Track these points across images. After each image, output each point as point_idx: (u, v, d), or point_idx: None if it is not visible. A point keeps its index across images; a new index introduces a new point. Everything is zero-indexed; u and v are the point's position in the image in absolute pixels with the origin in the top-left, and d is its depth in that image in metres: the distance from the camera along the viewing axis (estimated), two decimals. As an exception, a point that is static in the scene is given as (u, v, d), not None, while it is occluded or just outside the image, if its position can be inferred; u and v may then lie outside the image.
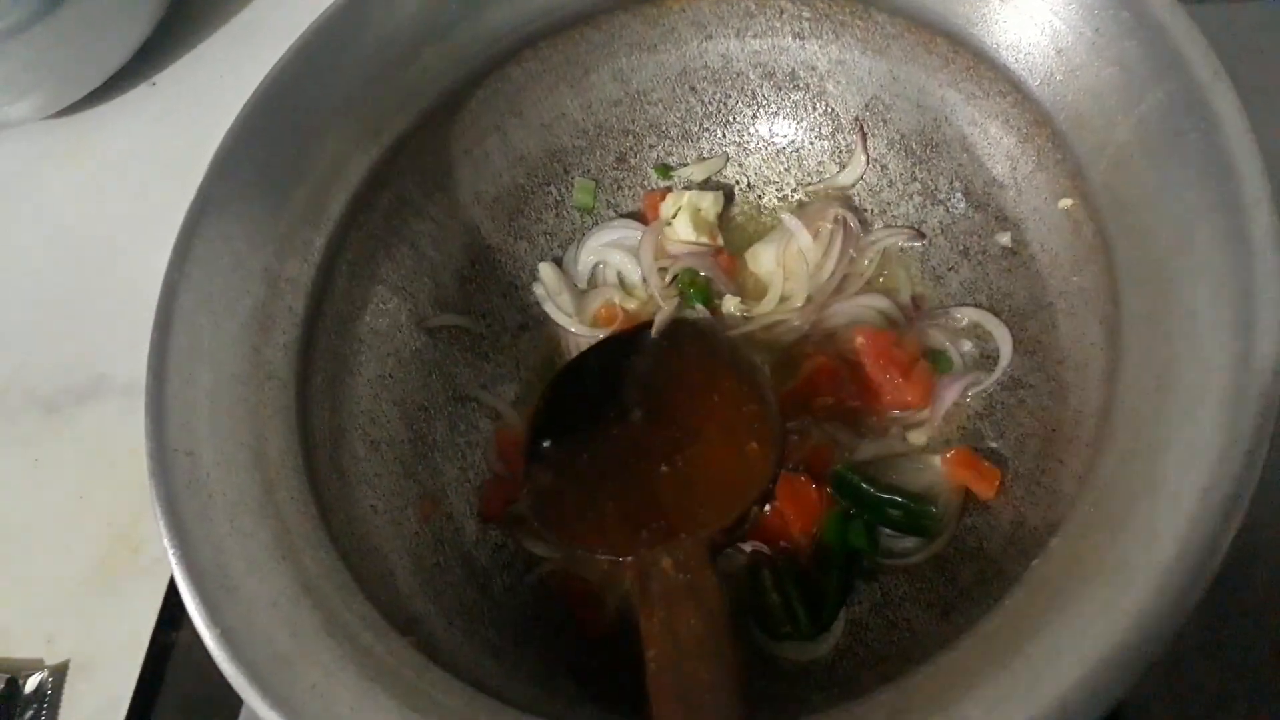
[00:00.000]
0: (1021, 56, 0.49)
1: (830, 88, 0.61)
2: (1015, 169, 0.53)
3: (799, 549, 0.54)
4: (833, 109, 0.62)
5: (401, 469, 0.55)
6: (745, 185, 0.66)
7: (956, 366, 0.57)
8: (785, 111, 0.63)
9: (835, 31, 0.58)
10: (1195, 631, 0.50)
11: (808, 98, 0.62)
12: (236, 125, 0.52)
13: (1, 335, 0.78)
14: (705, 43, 0.61)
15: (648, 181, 0.66)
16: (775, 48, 0.60)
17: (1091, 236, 0.47)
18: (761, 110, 0.64)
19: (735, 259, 0.64)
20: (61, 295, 0.79)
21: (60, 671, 0.62)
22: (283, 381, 0.48)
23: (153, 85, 0.89)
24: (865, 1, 0.55)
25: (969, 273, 0.58)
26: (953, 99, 0.55)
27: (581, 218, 0.66)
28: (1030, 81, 0.48)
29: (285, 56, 0.53)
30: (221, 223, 0.49)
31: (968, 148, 0.56)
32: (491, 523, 0.58)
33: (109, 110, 0.88)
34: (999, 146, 0.54)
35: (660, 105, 0.64)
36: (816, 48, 0.59)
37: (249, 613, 0.41)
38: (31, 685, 0.61)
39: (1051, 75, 0.47)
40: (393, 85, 0.55)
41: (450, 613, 0.50)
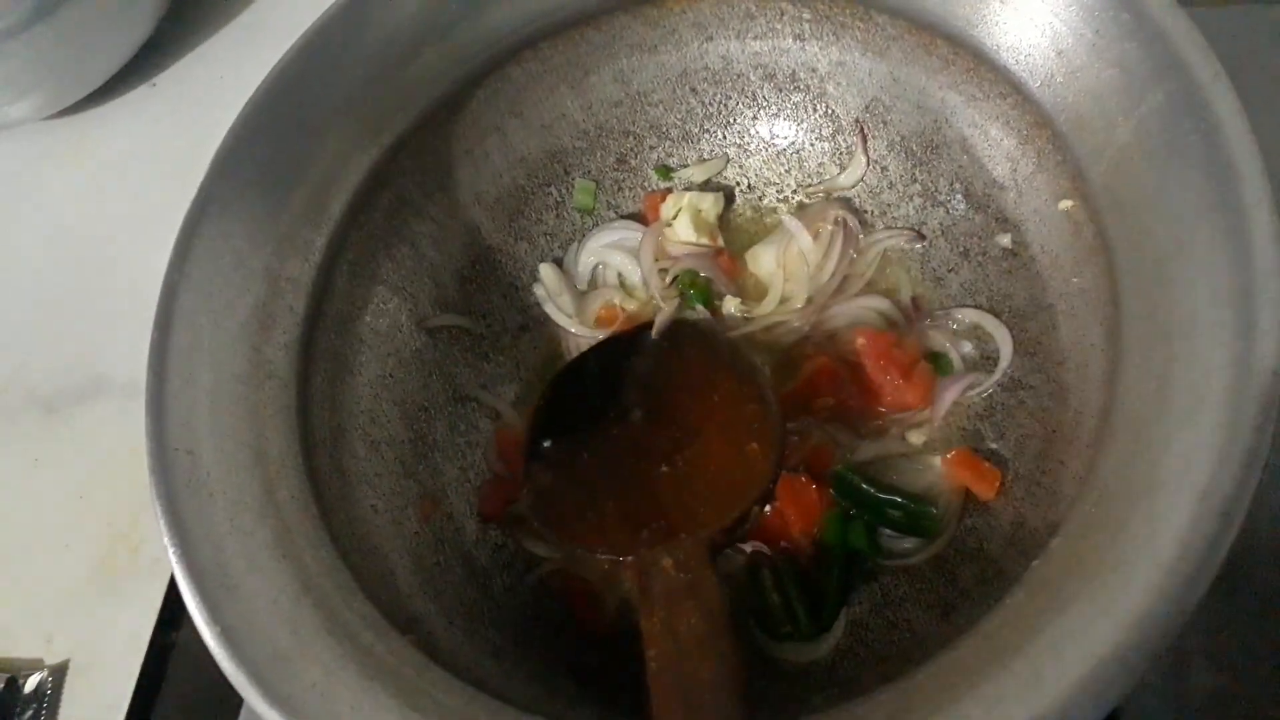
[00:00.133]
0: (1022, 58, 0.49)
1: (831, 89, 0.61)
2: (1015, 170, 0.53)
3: (799, 549, 0.54)
4: (833, 110, 0.62)
5: (402, 469, 0.55)
6: (746, 186, 0.66)
7: (957, 367, 0.57)
8: (786, 113, 0.63)
9: (836, 33, 0.58)
10: (1195, 632, 0.50)
11: (808, 99, 0.62)
12: (237, 125, 0.52)
13: (1, 335, 0.78)
14: (706, 44, 0.61)
15: (648, 182, 0.66)
16: (776, 49, 0.60)
17: (1092, 238, 0.47)
18: (762, 112, 0.64)
19: (736, 260, 0.64)
20: (61, 295, 0.79)
21: (60, 671, 0.62)
22: (283, 381, 0.48)
23: (153, 86, 0.89)
24: (866, 3, 0.55)
25: (969, 274, 0.58)
26: (953, 101, 0.55)
27: (582, 219, 0.66)
28: (1031, 83, 0.49)
29: (286, 57, 0.53)
30: (222, 222, 0.49)
31: (968, 149, 0.56)
32: (491, 522, 0.58)
33: (109, 110, 0.88)
34: (999, 148, 0.54)
35: (661, 106, 0.64)
36: (817, 49, 0.59)
37: (249, 612, 0.41)
38: (31, 685, 0.61)
39: (1052, 77, 0.48)
40: (393, 85, 0.55)
41: (450, 612, 0.50)
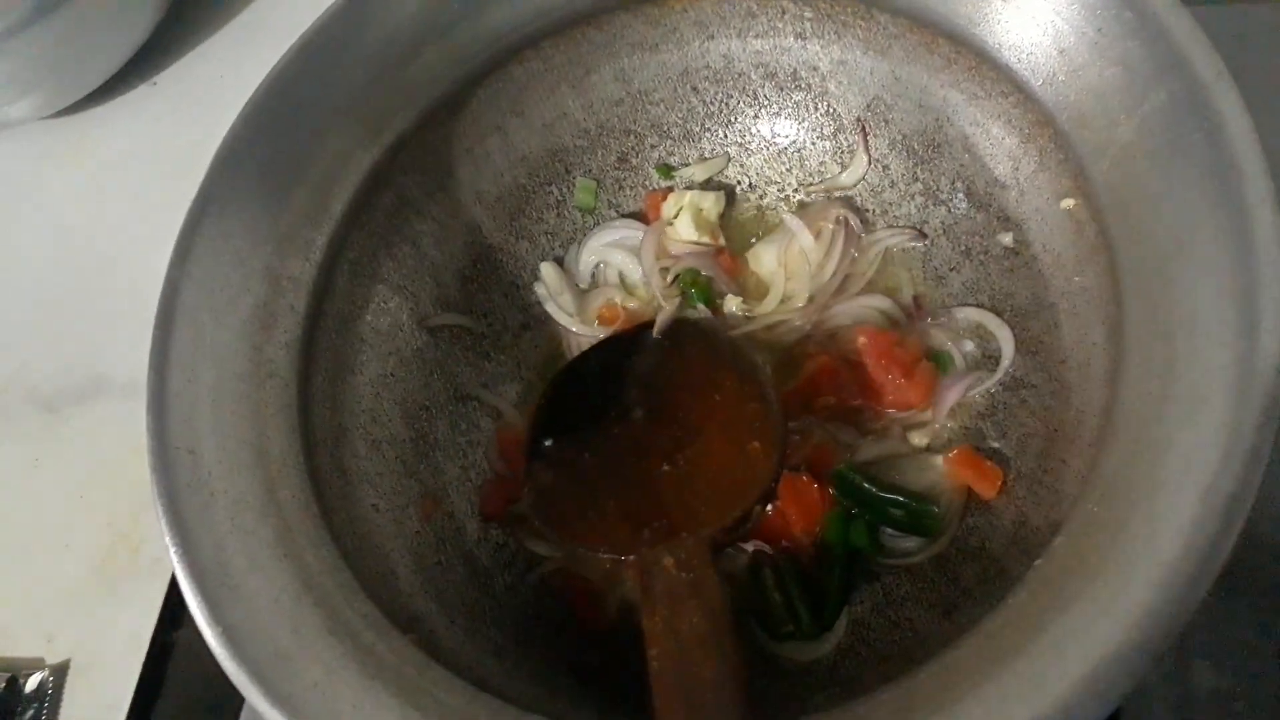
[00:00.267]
0: (1024, 57, 0.49)
1: (832, 88, 0.61)
2: (1017, 169, 0.53)
3: (801, 548, 0.54)
4: (834, 109, 0.62)
5: (403, 468, 0.55)
6: (747, 185, 0.66)
7: (958, 366, 0.57)
8: (787, 112, 0.63)
9: (837, 32, 0.58)
10: (1198, 632, 0.50)
11: (809, 98, 0.62)
12: (238, 124, 0.52)
13: (2, 335, 0.78)
14: (707, 43, 0.61)
15: (649, 181, 0.66)
16: (777, 48, 0.60)
17: (1094, 236, 0.47)
18: (763, 110, 0.64)
19: (737, 259, 0.64)
20: (62, 295, 0.79)
21: (61, 671, 0.62)
22: (284, 380, 0.48)
23: (153, 85, 0.89)
24: (867, 2, 0.55)
25: (971, 273, 0.58)
26: (955, 99, 0.55)
27: (583, 217, 0.66)
28: (1033, 82, 0.48)
29: (286, 56, 0.53)
30: (223, 221, 0.49)
31: (970, 148, 0.56)
32: (493, 522, 0.58)
33: (109, 110, 0.88)
34: (1001, 147, 0.54)
35: (662, 105, 0.64)
36: (818, 48, 0.59)
37: (250, 611, 0.41)
38: (32, 685, 0.61)
39: (1054, 75, 0.47)
40: (394, 84, 0.55)
41: (452, 611, 0.50)
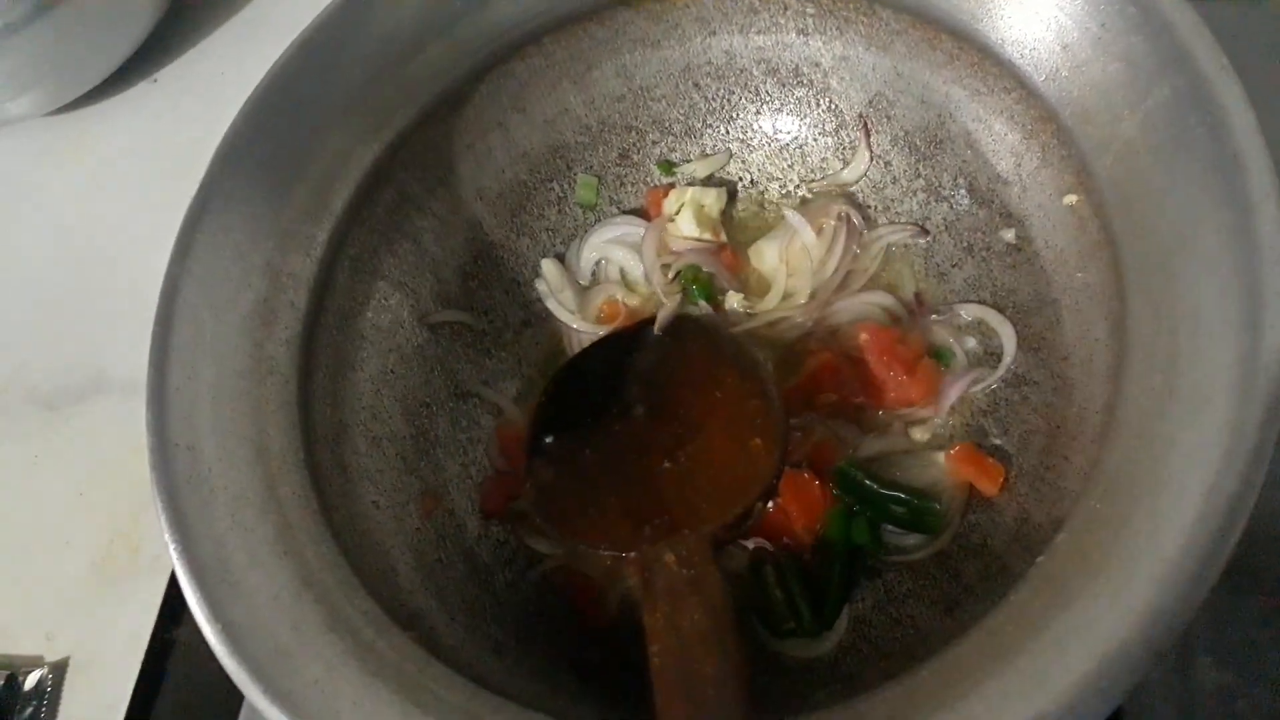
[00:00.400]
0: (1026, 52, 0.48)
1: (834, 84, 0.60)
2: (1020, 165, 0.53)
3: (802, 545, 0.54)
4: (836, 105, 0.61)
5: (403, 465, 0.55)
6: (748, 182, 0.66)
7: (960, 363, 0.57)
8: (789, 108, 0.63)
9: (839, 28, 0.58)
10: (1200, 628, 0.50)
11: (811, 94, 0.62)
12: (239, 121, 0.52)
13: (2, 333, 0.78)
14: (709, 39, 0.61)
15: (651, 178, 0.66)
16: (779, 44, 0.60)
17: (1096, 232, 0.47)
18: (765, 106, 0.64)
19: (738, 255, 0.64)
20: (61, 293, 0.79)
21: (60, 668, 0.62)
22: (285, 376, 0.48)
23: (154, 82, 0.89)
24: (870, -2, 0.55)
25: (973, 269, 0.58)
26: (957, 95, 0.55)
27: (584, 214, 0.66)
28: (1035, 77, 0.48)
29: (287, 52, 0.53)
30: (224, 218, 0.49)
31: (972, 144, 0.55)
32: (493, 519, 0.58)
33: (110, 107, 0.88)
34: (1003, 143, 0.54)
35: (663, 101, 0.64)
36: (820, 44, 0.59)
37: (250, 608, 0.41)
38: (31, 682, 0.61)
39: (1057, 71, 0.47)
40: (395, 80, 0.55)
41: (452, 609, 0.50)
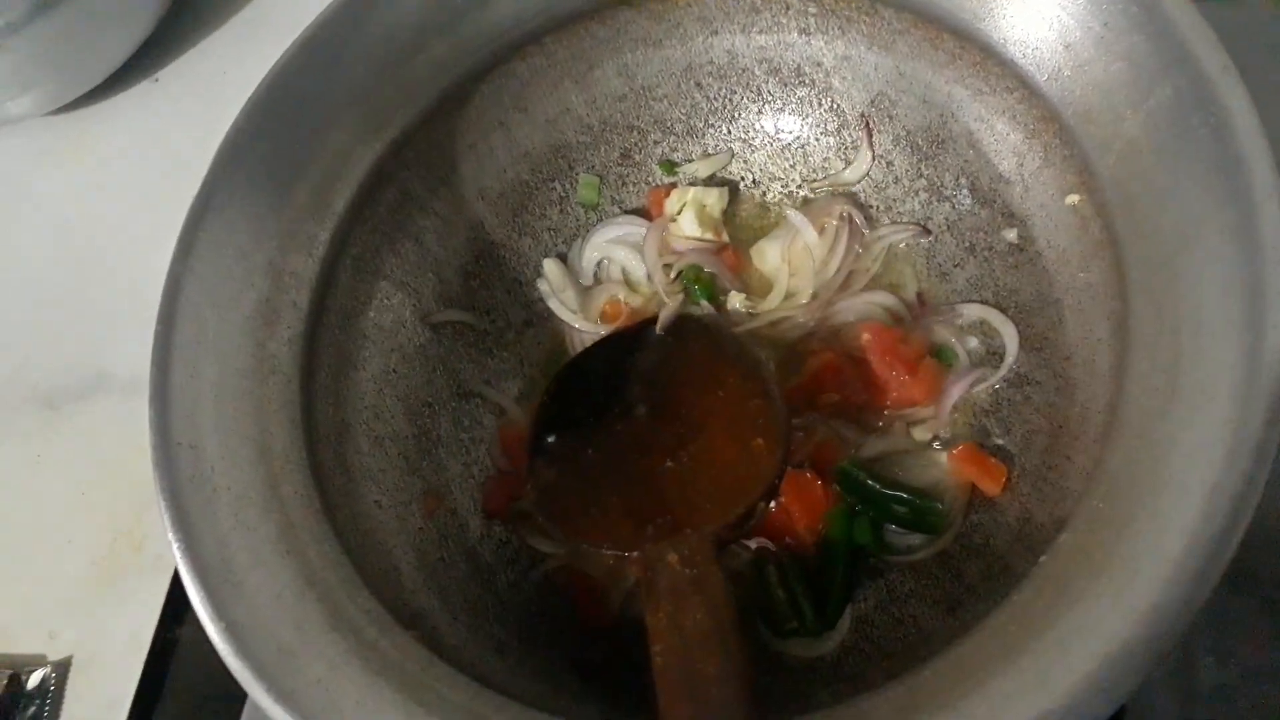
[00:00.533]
0: (1029, 52, 0.48)
1: (836, 83, 0.60)
2: (1022, 165, 0.53)
3: (804, 545, 0.54)
4: (838, 105, 0.61)
5: (405, 464, 0.55)
6: (750, 181, 0.66)
7: (962, 363, 0.57)
8: (791, 107, 0.63)
9: (841, 27, 0.58)
10: (1203, 628, 0.50)
11: (813, 94, 0.62)
12: (240, 120, 0.52)
13: (2, 332, 0.78)
14: (711, 38, 0.61)
15: (652, 177, 0.66)
16: (781, 43, 0.60)
17: (1099, 232, 0.46)
18: (767, 106, 0.63)
19: (740, 255, 0.64)
20: (63, 292, 0.79)
21: (63, 668, 0.62)
22: (287, 376, 0.48)
23: (155, 81, 0.89)
24: (871, -3, 0.55)
25: (975, 269, 0.58)
26: (959, 95, 0.55)
27: (586, 214, 0.66)
28: (1038, 77, 0.48)
29: (289, 51, 0.53)
30: (226, 217, 0.49)
31: (974, 144, 0.55)
32: (496, 518, 0.58)
33: (111, 106, 0.88)
34: (1006, 142, 0.54)
35: (665, 101, 0.64)
36: (822, 43, 0.59)
37: (253, 607, 0.41)
38: (34, 681, 0.61)
39: (1059, 70, 0.47)
40: (397, 80, 0.54)
41: (455, 608, 0.50)
